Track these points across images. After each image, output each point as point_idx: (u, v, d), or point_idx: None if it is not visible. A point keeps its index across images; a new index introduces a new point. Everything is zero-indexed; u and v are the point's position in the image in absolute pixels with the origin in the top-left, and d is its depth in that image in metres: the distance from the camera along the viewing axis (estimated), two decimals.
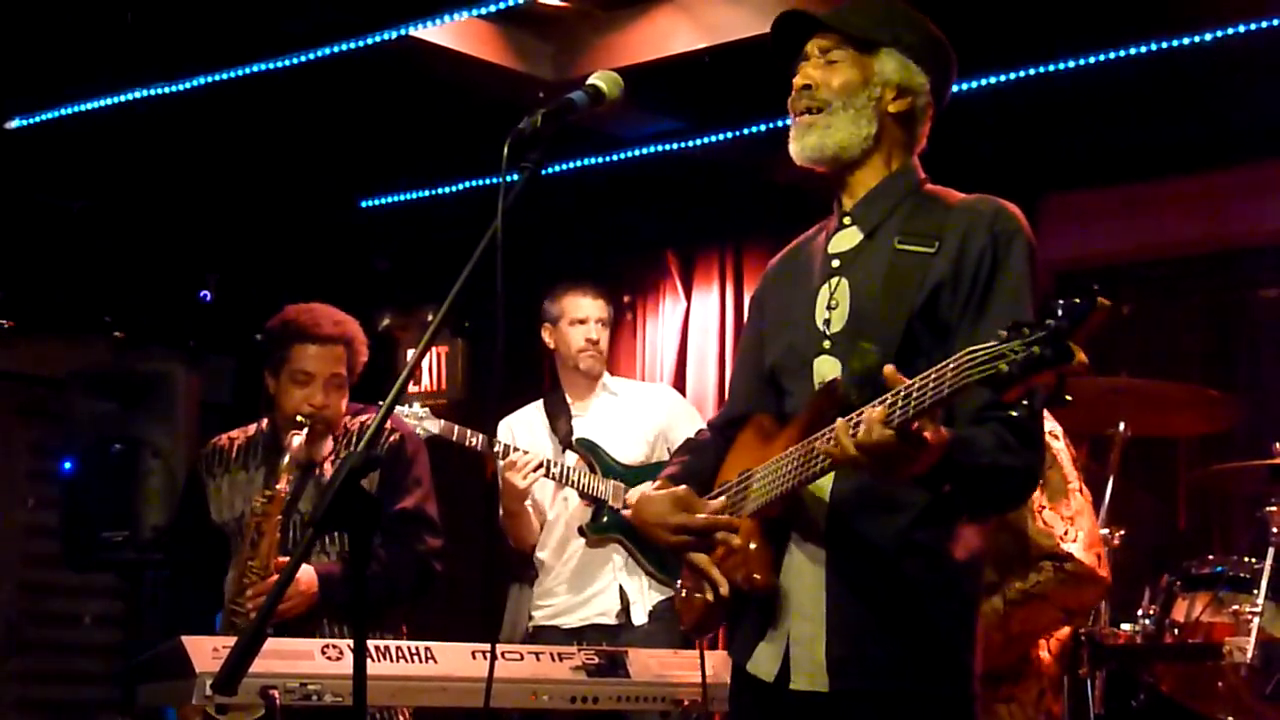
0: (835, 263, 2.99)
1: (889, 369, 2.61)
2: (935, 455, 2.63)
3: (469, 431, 5.41)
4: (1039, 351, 2.37)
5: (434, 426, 5.34)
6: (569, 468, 5.40)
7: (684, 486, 3.03)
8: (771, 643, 2.91)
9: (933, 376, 2.52)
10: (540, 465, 5.31)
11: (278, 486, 4.35)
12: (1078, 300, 2.37)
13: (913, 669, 2.81)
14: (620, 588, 5.46)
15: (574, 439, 5.51)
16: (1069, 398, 2.45)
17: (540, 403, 5.69)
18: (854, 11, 3.06)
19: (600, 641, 5.09)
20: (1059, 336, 2.36)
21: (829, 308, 2.95)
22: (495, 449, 5.35)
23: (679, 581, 3.11)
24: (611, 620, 5.44)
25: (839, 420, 2.65)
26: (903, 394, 2.57)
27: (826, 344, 2.93)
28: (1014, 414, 2.70)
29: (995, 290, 2.85)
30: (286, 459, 4.36)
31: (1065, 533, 3.98)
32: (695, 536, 2.96)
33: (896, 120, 3.01)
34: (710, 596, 2.96)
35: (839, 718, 2.84)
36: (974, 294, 2.85)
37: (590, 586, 5.48)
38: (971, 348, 2.47)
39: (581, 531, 5.44)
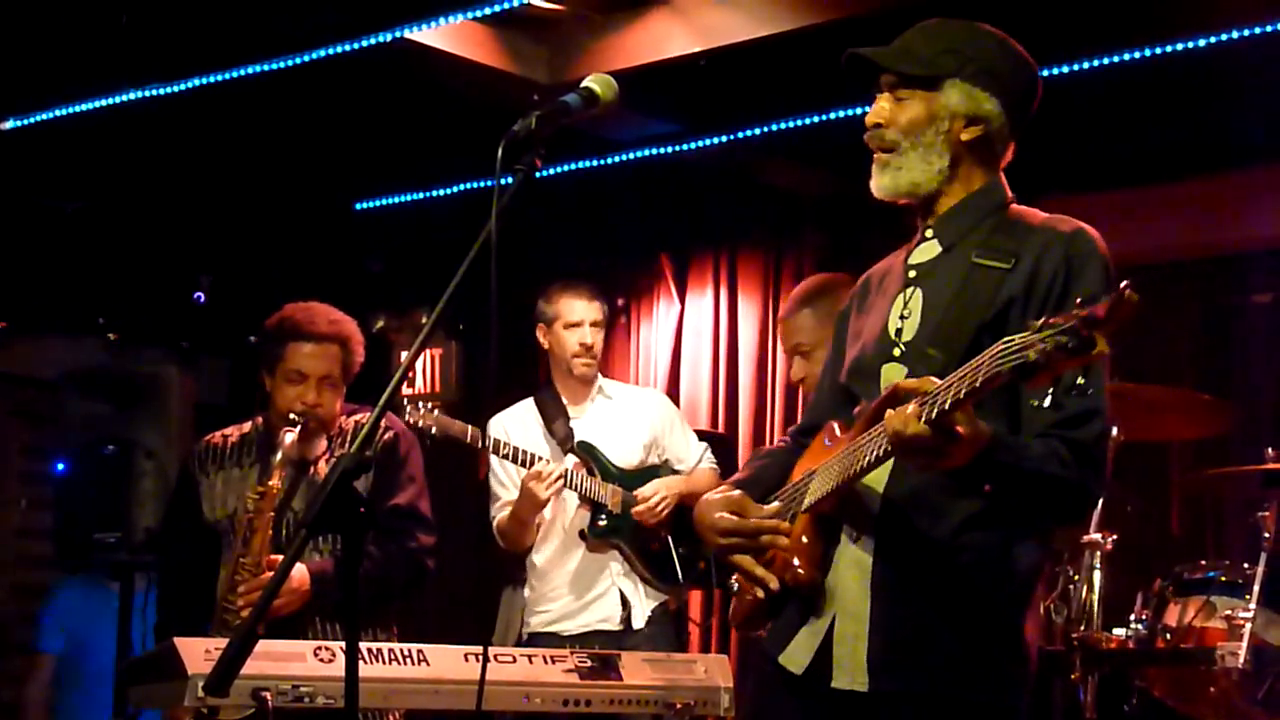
0: (912, 274, 3.04)
1: (908, 383, 2.68)
2: (970, 450, 2.65)
3: (480, 433, 5.38)
4: (1065, 341, 2.41)
5: (446, 426, 5.30)
6: (568, 470, 5.38)
7: (738, 491, 3.08)
8: (809, 637, 2.94)
9: (969, 368, 2.56)
10: (562, 476, 5.29)
11: (270, 483, 4.36)
12: (1108, 294, 2.42)
13: (954, 674, 2.83)
14: (620, 592, 5.45)
15: (575, 442, 5.49)
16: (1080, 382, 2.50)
17: (531, 401, 5.65)
18: (917, 41, 3.06)
19: (602, 648, 5.04)
20: (1086, 326, 2.40)
21: (902, 317, 3.00)
22: (504, 452, 5.33)
23: (733, 579, 3.13)
24: (614, 626, 5.40)
25: (887, 413, 2.69)
26: (940, 388, 2.61)
27: (896, 351, 2.97)
28: (1076, 435, 2.79)
29: (1066, 309, 2.85)
30: (279, 456, 4.37)
31: None
32: (744, 539, 3.01)
33: (972, 147, 3.02)
34: (760, 594, 2.99)
35: (877, 718, 2.86)
36: (1044, 312, 2.82)
37: (590, 591, 5.45)
38: (1006, 338, 2.51)
39: (582, 535, 5.42)
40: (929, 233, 3.06)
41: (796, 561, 2.93)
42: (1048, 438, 2.79)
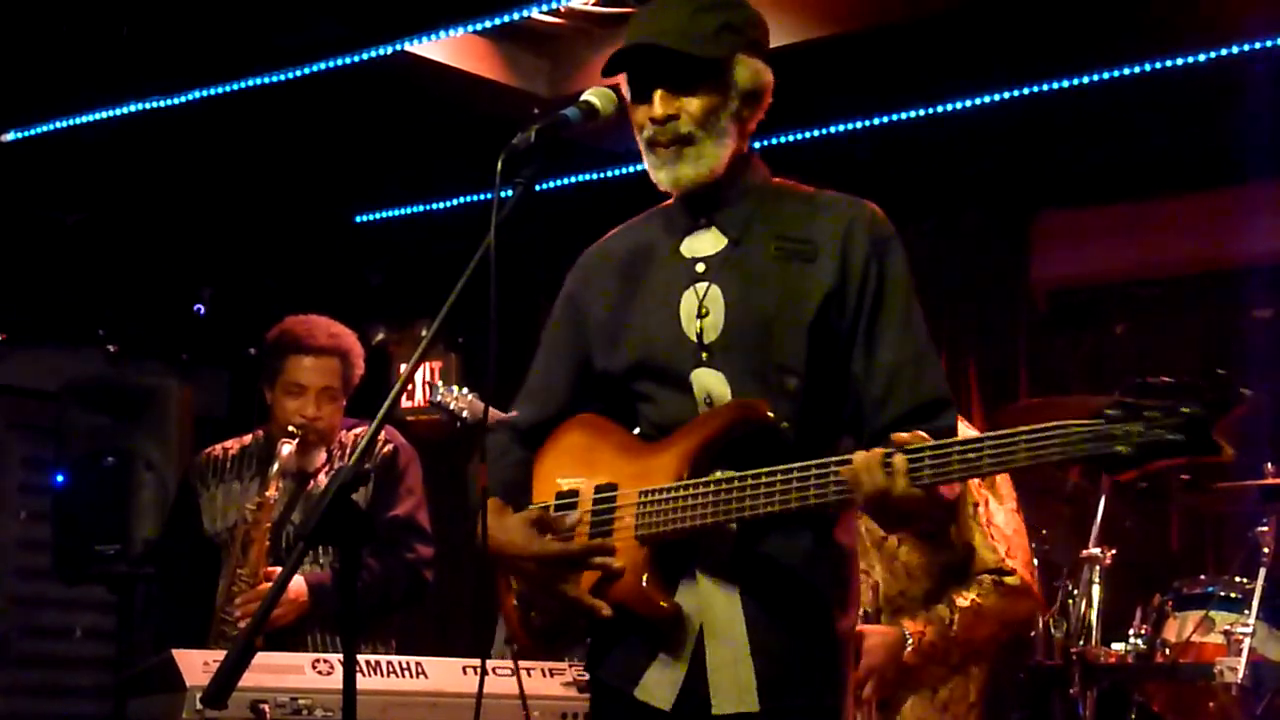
0: (700, 267, 2.86)
1: (901, 436, 2.54)
2: (948, 512, 2.65)
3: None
4: (1172, 439, 2.31)
5: (479, 411, 5.21)
6: None
7: (538, 508, 2.86)
8: (667, 670, 2.78)
9: (997, 442, 2.44)
10: None
11: (267, 494, 4.37)
12: (1214, 388, 2.31)
13: (823, 684, 2.78)
14: None
15: None
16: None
17: None
18: (689, 21, 2.82)
19: None
20: (1196, 425, 2.30)
21: (699, 315, 2.82)
22: None
23: (511, 599, 2.93)
24: None
25: (867, 456, 2.54)
26: (945, 452, 2.50)
27: (704, 355, 2.81)
28: (937, 426, 2.65)
29: (886, 303, 2.79)
30: (275, 467, 4.38)
31: (1008, 550, 4.03)
32: (568, 565, 2.80)
33: (747, 121, 2.90)
34: (581, 621, 2.83)
35: None
36: (862, 306, 2.78)
37: None
38: (1065, 423, 2.38)
39: None
40: (704, 221, 2.89)
41: (654, 596, 2.75)
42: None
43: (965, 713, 4.04)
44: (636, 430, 2.93)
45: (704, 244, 2.89)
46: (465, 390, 5.25)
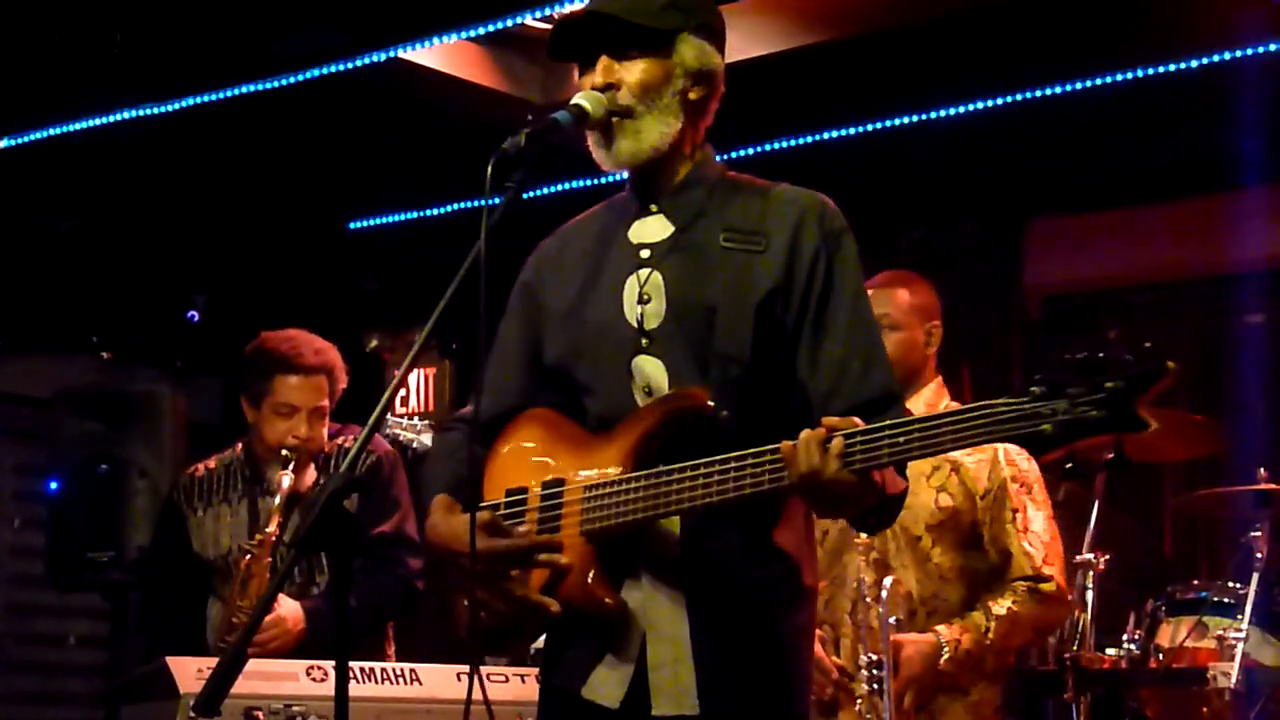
0: (645, 253, 2.84)
1: (832, 420, 2.50)
2: (880, 498, 2.57)
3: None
4: (1096, 415, 2.27)
5: (429, 440, 5.27)
6: None
7: (487, 506, 2.79)
8: (615, 668, 2.75)
9: (925, 425, 2.41)
10: None
11: (268, 530, 4.32)
12: (1138, 361, 2.26)
13: (775, 685, 2.72)
14: None
15: None
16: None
17: None
18: None
19: None
20: (1120, 401, 2.26)
21: (640, 301, 2.80)
22: None
23: (461, 598, 2.84)
24: None
25: (808, 434, 2.49)
26: (877, 436, 2.45)
27: (644, 342, 2.78)
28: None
29: (834, 296, 2.75)
30: (276, 501, 4.33)
31: (1045, 556, 4.04)
32: (512, 562, 2.74)
33: (696, 106, 2.86)
34: (529, 620, 2.76)
35: None
36: (809, 299, 2.74)
37: None
38: (990, 403, 2.36)
39: None
40: (654, 207, 2.87)
41: (598, 593, 2.71)
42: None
43: (991, 715, 4.06)
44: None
45: (650, 230, 2.87)
46: (416, 420, 5.28)
